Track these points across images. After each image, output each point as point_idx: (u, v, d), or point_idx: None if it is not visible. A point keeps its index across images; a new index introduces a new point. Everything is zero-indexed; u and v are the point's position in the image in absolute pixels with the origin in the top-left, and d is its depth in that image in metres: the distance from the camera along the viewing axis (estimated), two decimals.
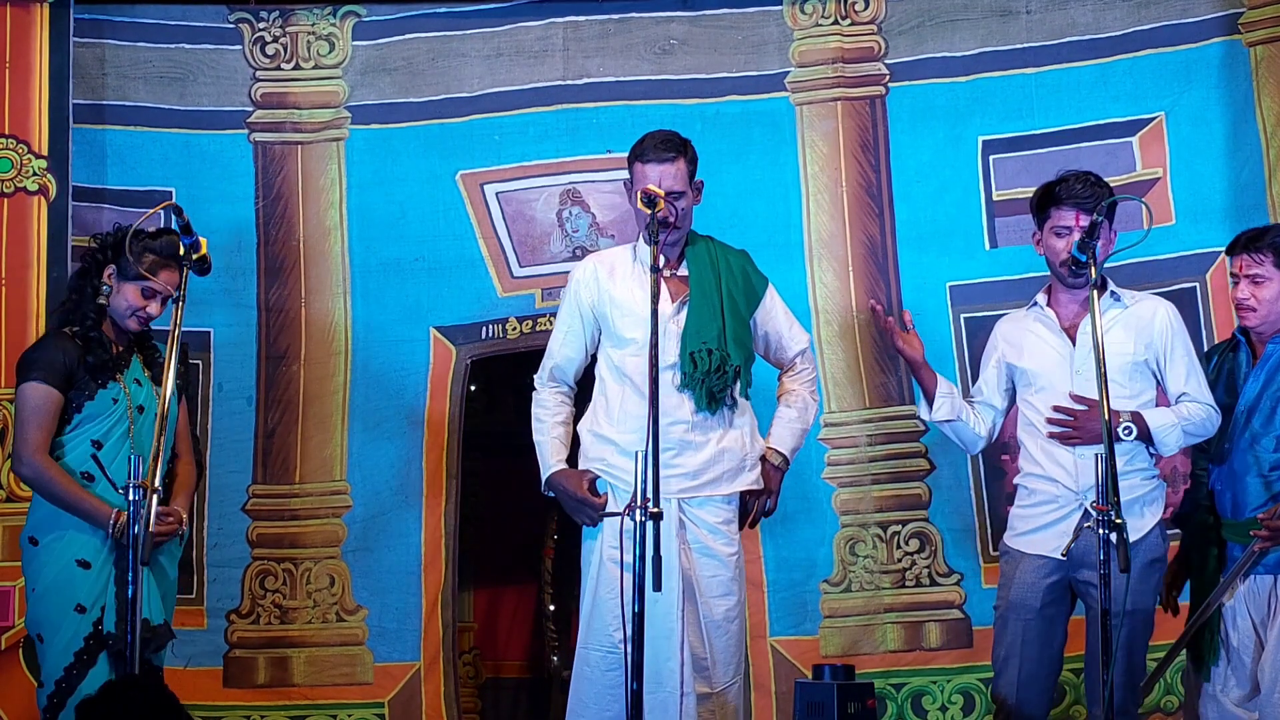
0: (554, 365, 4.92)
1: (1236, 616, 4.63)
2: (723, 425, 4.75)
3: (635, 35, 6.04)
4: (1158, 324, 4.72)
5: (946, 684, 5.73)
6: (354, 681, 5.79)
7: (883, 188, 5.95)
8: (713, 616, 4.69)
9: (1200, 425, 4.66)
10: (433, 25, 6.06)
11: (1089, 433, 4.59)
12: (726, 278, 4.80)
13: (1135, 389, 4.70)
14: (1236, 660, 4.62)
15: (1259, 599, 4.60)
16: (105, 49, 5.96)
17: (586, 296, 4.85)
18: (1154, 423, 4.62)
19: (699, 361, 4.69)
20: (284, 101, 6.05)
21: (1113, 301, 4.74)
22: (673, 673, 4.60)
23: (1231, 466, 4.64)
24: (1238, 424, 4.67)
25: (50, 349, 4.72)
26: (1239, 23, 5.80)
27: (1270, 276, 4.66)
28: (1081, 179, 4.71)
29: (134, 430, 4.72)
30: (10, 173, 5.76)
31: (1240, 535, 4.58)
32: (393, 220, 6.01)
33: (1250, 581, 4.62)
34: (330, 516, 5.87)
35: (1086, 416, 4.61)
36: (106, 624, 4.61)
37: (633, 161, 4.79)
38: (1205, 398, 4.69)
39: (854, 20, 6.00)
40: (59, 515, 4.66)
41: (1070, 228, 4.64)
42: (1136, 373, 4.70)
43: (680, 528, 4.67)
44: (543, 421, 4.89)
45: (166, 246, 4.72)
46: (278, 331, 5.95)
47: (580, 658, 4.76)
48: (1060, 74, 5.89)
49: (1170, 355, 4.71)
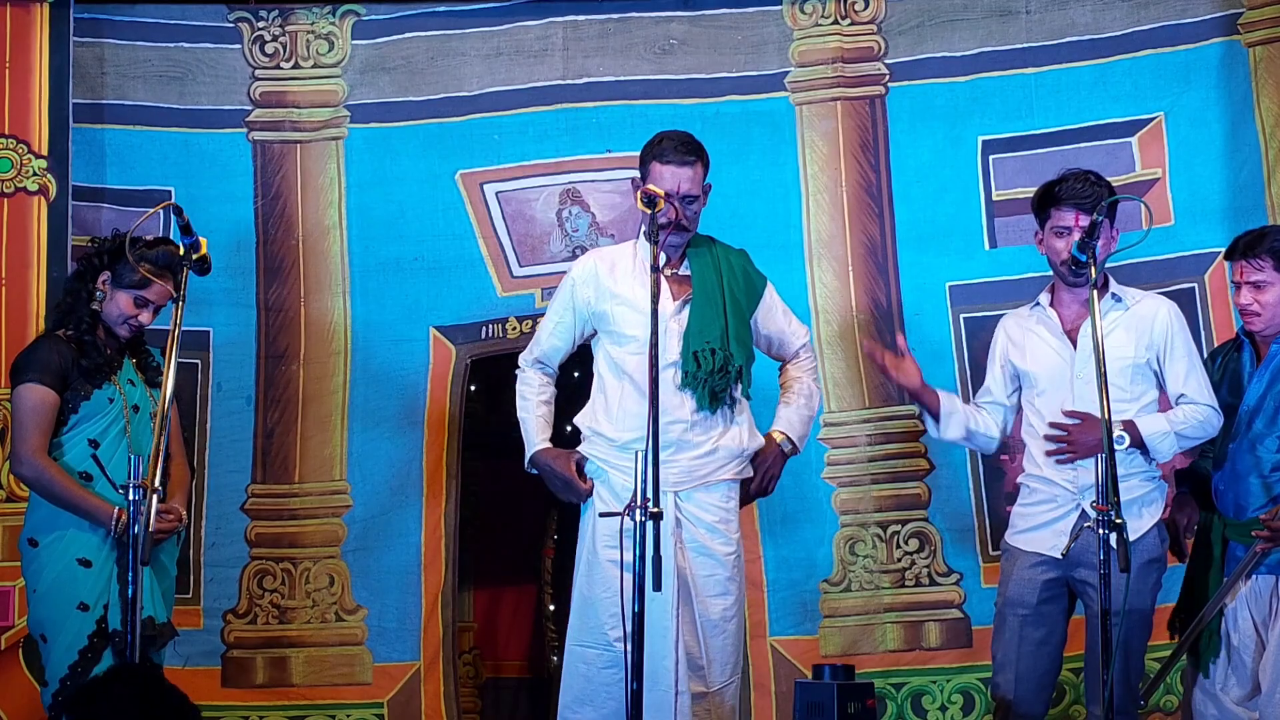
0: (540, 351, 4.95)
1: (1238, 616, 4.63)
2: (722, 424, 4.75)
3: (635, 35, 6.03)
4: (1158, 324, 4.71)
5: (946, 684, 5.74)
6: (353, 681, 5.78)
7: (883, 188, 5.95)
8: (709, 616, 4.69)
9: (1198, 428, 4.66)
10: (432, 24, 6.06)
11: (1084, 447, 4.60)
12: (728, 277, 4.81)
13: (1136, 391, 4.70)
14: (1237, 660, 4.62)
15: (1261, 599, 4.61)
16: (105, 48, 5.96)
17: (583, 294, 4.85)
18: (1147, 431, 4.62)
19: (702, 360, 4.69)
20: (283, 100, 6.05)
21: (1114, 303, 4.74)
22: (667, 671, 4.59)
23: (1234, 467, 4.65)
24: (1240, 425, 4.68)
25: (45, 351, 4.73)
26: (1238, 23, 5.80)
27: (1272, 281, 4.66)
28: (1082, 178, 4.71)
29: (130, 429, 4.73)
30: (10, 173, 5.75)
31: (1243, 535, 4.59)
32: (392, 220, 6.01)
33: (1252, 581, 4.63)
34: (330, 516, 5.87)
35: (1081, 431, 4.62)
36: (111, 621, 4.61)
37: (649, 160, 4.77)
38: (1205, 398, 4.69)
39: (854, 20, 6.00)
40: (57, 516, 4.66)
41: (1070, 228, 4.64)
42: (1138, 375, 4.70)
43: (677, 526, 4.67)
44: (527, 399, 4.92)
45: (162, 257, 4.72)
46: (277, 331, 5.95)
47: (574, 655, 4.75)
48: (1060, 74, 5.89)
49: (1170, 355, 4.70)
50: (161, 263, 4.71)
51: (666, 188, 4.67)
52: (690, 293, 4.77)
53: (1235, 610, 4.64)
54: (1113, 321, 4.69)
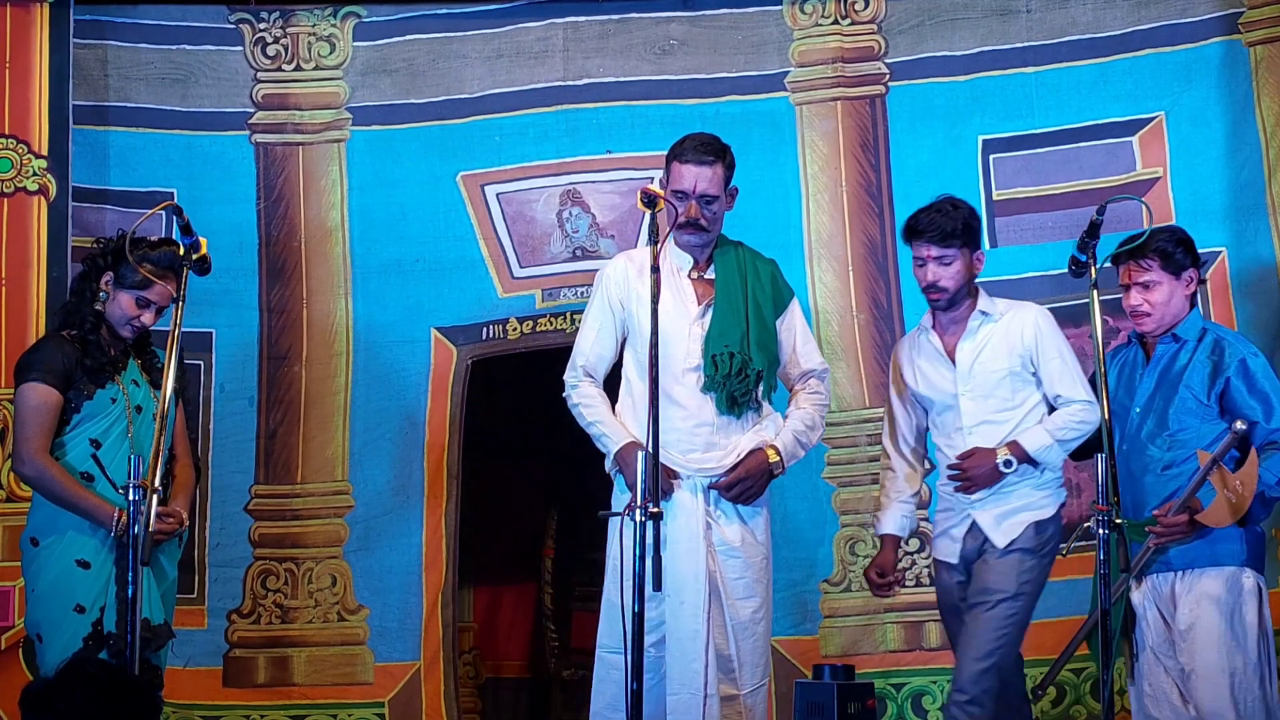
0: (585, 362, 4.83)
1: (1148, 617, 4.67)
2: (746, 428, 4.74)
3: (635, 35, 6.04)
4: (1027, 331, 4.83)
5: (946, 684, 5.71)
6: (354, 681, 5.79)
7: (883, 187, 5.95)
8: (739, 618, 4.67)
9: (1076, 428, 4.77)
10: (433, 26, 6.07)
11: (980, 478, 4.74)
12: (753, 283, 4.79)
13: (1019, 399, 4.82)
14: (1162, 660, 4.63)
15: (1163, 597, 4.64)
16: (107, 50, 5.98)
17: (617, 293, 4.79)
18: (1031, 447, 4.73)
19: (720, 364, 4.67)
20: (285, 102, 6.07)
21: (983, 317, 4.86)
22: (696, 674, 4.57)
23: (1129, 467, 4.68)
24: (1133, 425, 4.73)
25: (49, 350, 4.73)
26: (1239, 23, 5.79)
27: (1160, 280, 4.70)
28: (936, 209, 4.82)
29: (133, 430, 4.73)
30: (10, 173, 5.77)
31: (1140, 534, 4.62)
32: (394, 221, 6.02)
33: (1152, 581, 4.65)
34: (332, 516, 5.88)
35: (974, 464, 4.74)
36: (107, 624, 4.61)
37: (671, 160, 4.76)
38: (1080, 394, 4.79)
39: (854, 20, 6.01)
40: (59, 516, 4.66)
41: (925, 259, 4.80)
42: (1017, 382, 4.82)
43: (707, 529, 4.66)
44: (594, 403, 4.77)
45: (164, 258, 4.72)
46: (279, 332, 5.96)
47: (605, 662, 4.69)
48: (1060, 73, 5.89)
49: (1042, 358, 4.82)
50: (163, 264, 4.72)
51: (685, 187, 4.67)
52: (714, 296, 4.76)
53: (1144, 612, 4.67)
54: (985, 335, 4.84)
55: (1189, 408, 4.65)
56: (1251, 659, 4.53)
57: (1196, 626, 4.54)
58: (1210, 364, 4.67)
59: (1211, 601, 4.55)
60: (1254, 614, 4.57)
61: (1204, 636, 4.53)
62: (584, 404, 4.79)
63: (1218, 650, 4.51)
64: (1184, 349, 4.72)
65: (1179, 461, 4.63)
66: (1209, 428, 4.63)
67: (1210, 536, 4.56)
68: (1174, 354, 4.72)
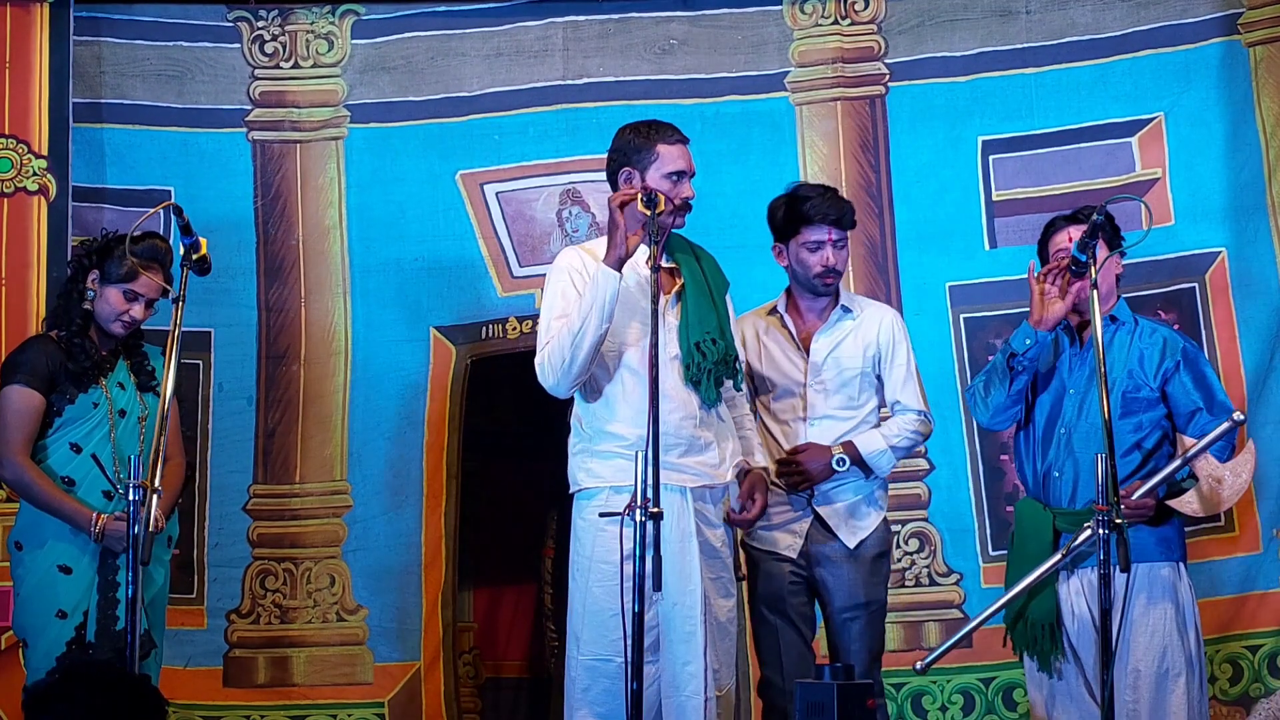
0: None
1: (1075, 612, 4.61)
2: (719, 420, 4.64)
3: (635, 35, 6.03)
4: (882, 331, 4.85)
5: (946, 684, 5.73)
6: (354, 681, 5.79)
7: (883, 188, 5.95)
8: (718, 618, 4.62)
9: (910, 438, 4.83)
10: (432, 24, 6.06)
11: (815, 474, 4.75)
12: (709, 268, 4.69)
13: (863, 399, 4.85)
14: (1084, 656, 4.60)
15: (1095, 592, 4.55)
16: (103, 47, 5.96)
17: (581, 283, 4.54)
18: (866, 450, 4.76)
19: (707, 351, 4.55)
20: (283, 100, 6.05)
21: (844, 313, 4.87)
22: (693, 676, 4.49)
23: (1072, 452, 4.63)
24: (1069, 409, 4.66)
25: (34, 352, 4.72)
26: (1238, 23, 5.79)
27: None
28: (829, 195, 4.83)
29: (115, 435, 4.71)
30: (10, 173, 5.75)
31: (1074, 524, 4.57)
32: (392, 220, 6.01)
33: (1083, 575, 4.59)
34: (331, 516, 5.88)
35: (808, 458, 4.75)
36: (89, 633, 4.60)
37: (653, 145, 4.54)
38: (918, 405, 4.84)
39: (854, 20, 6.00)
40: (41, 521, 4.65)
41: (823, 242, 4.77)
42: (864, 382, 4.84)
43: (697, 531, 4.56)
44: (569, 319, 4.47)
45: (147, 250, 4.71)
46: (278, 331, 5.95)
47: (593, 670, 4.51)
48: (1060, 74, 5.89)
49: (891, 361, 4.84)
50: (148, 255, 4.70)
51: (683, 166, 4.55)
52: (680, 284, 4.64)
53: (1071, 607, 4.61)
54: (844, 331, 4.84)
55: (1137, 393, 4.62)
56: (1194, 658, 4.55)
57: (1146, 623, 4.51)
58: (1156, 350, 4.64)
59: (1162, 598, 4.53)
60: (1193, 611, 4.59)
61: (1150, 634, 4.51)
62: (562, 329, 4.47)
63: (1170, 649, 4.50)
64: (1121, 330, 4.68)
65: (1129, 447, 4.60)
66: (1154, 414, 4.62)
67: (1157, 529, 4.55)
68: (1112, 336, 4.66)
